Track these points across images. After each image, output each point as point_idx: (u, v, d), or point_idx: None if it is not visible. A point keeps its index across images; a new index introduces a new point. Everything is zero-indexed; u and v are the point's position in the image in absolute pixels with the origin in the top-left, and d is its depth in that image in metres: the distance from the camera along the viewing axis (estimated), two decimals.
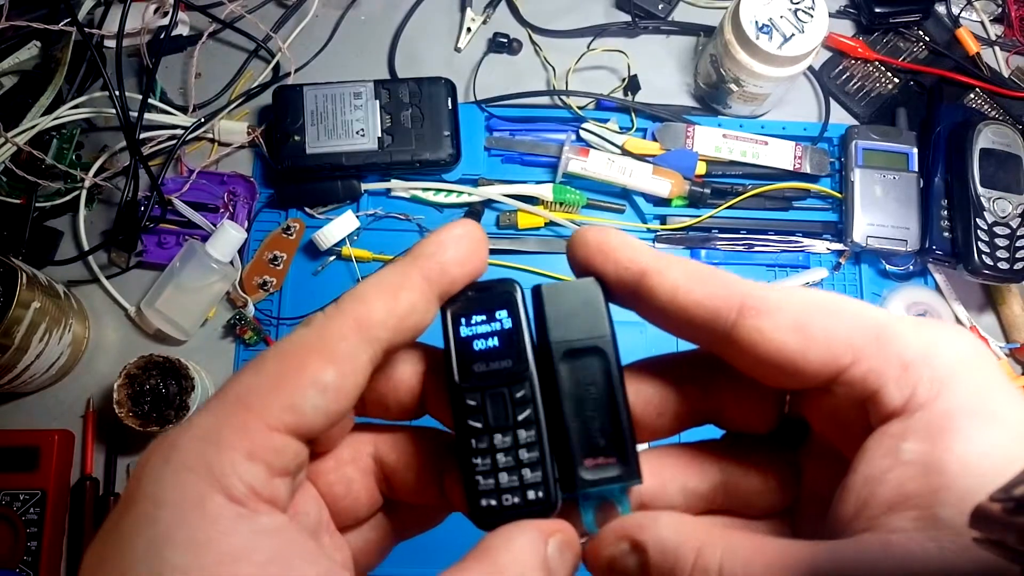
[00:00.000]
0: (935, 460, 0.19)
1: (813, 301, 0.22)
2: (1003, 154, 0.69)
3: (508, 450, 0.24)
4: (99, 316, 0.70)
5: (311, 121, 0.69)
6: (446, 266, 0.24)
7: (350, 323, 0.22)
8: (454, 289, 0.24)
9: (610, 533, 0.23)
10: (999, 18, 0.81)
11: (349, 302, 0.23)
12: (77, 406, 0.67)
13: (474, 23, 0.78)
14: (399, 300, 0.23)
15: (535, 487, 0.24)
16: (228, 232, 0.67)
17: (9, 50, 0.72)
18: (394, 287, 0.23)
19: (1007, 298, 0.72)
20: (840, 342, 0.21)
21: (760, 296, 0.22)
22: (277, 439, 0.21)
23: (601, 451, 0.25)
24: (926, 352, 0.21)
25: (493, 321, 0.25)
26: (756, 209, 0.73)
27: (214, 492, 0.20)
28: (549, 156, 0.72)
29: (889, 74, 0.78)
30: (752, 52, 0.67)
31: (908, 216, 0.70)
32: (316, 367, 0.21)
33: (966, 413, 0.20)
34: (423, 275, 0.23)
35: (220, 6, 0.75)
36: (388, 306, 0.22)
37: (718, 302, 0.23)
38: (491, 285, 0.25)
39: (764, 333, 0.22)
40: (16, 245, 0.68)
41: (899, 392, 0.20)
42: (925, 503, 0.19)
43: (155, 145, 0.71)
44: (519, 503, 0.24)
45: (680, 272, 0.24)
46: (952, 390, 0.20)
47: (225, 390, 0.22)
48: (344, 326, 0.22)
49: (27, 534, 0.62)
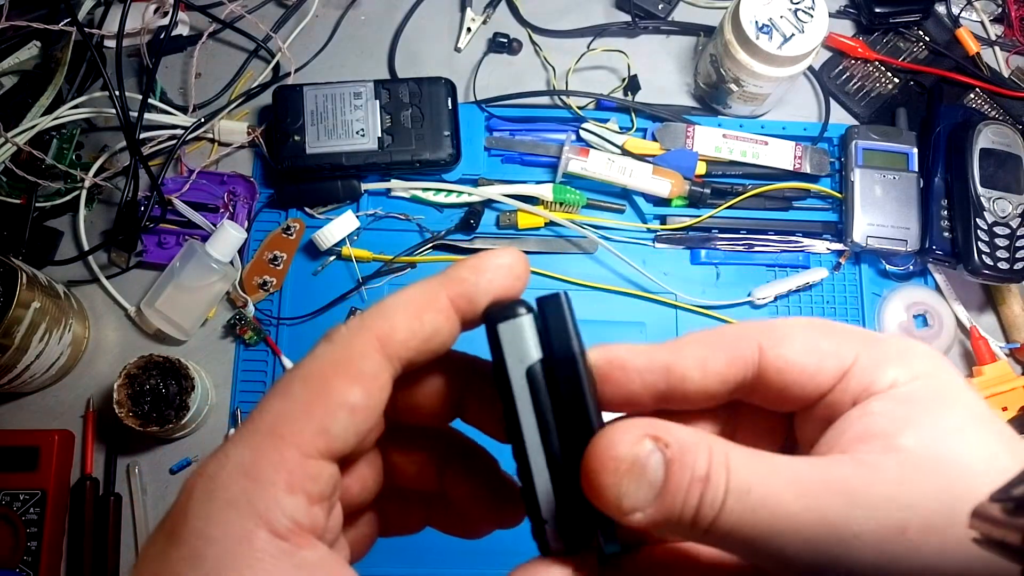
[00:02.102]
0: (900, 414, 0.22)
1: (810, 324, 0.24)
2: (1003, 154, 0.69)
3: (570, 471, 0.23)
4: (99, 316, 0.70)
5: (311, 121, 0.69)
6: (477, 296, 0.23)
7: (373, 341, 0.22)
8: (480, 311, 0.24)
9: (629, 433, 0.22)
10: (999, 18, 0.81)
11: (373, 319, 0.22)
12: (77, 406, 0.67)
13: (474, 23, 0.78)
14: (423, 322, 0.23)
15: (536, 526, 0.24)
16: (228, 232, 0.67)
17: (9, 50, 0.72)
18: (420, 308, 0.23)
19: (1007, 298, 0.72)
20: (844, 352, 0.24)
21: (769, 330, 0.24)
22: (313, 466, 0.21)
23: None
24: (903, 354, 0.24)
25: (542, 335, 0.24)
26: (756, 209, 0.73)
27: (259, 528, 0.20)
28: (549, 156, 0.72)
29: (889, 74, 0.78)
30: (752, 52, 0.67)
31: (908, 216, 0.70)
32: (343, 388, 0.22)
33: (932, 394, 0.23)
34: (451, 298, 0.23)
35: (220, 6, 0.75)
36: (412, 327, 0.22)
37: (743, 351, 0.24)
38: (540, 299, 0.24)
39: (787, 359, 0.24)
40: (16, 245, 0.68)
41: (885, 380, 0.23)
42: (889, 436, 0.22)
43: (155, 145, 0.71)
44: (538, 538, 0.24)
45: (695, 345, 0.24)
46: (923, 381, 0.23)
47: (256, 419, 0.22)
48: (367, 344, 0.22)
49: (27, 534, 0.62)
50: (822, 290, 0.72)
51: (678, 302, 0.71)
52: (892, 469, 0.21)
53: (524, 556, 0.24)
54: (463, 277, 0.23)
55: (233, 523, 0.20)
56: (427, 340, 0.23)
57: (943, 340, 0.70)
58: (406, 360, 0.23)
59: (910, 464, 0.21)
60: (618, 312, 0.71)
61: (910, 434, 0.22)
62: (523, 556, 0.24)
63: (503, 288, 0.24)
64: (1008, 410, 0.68)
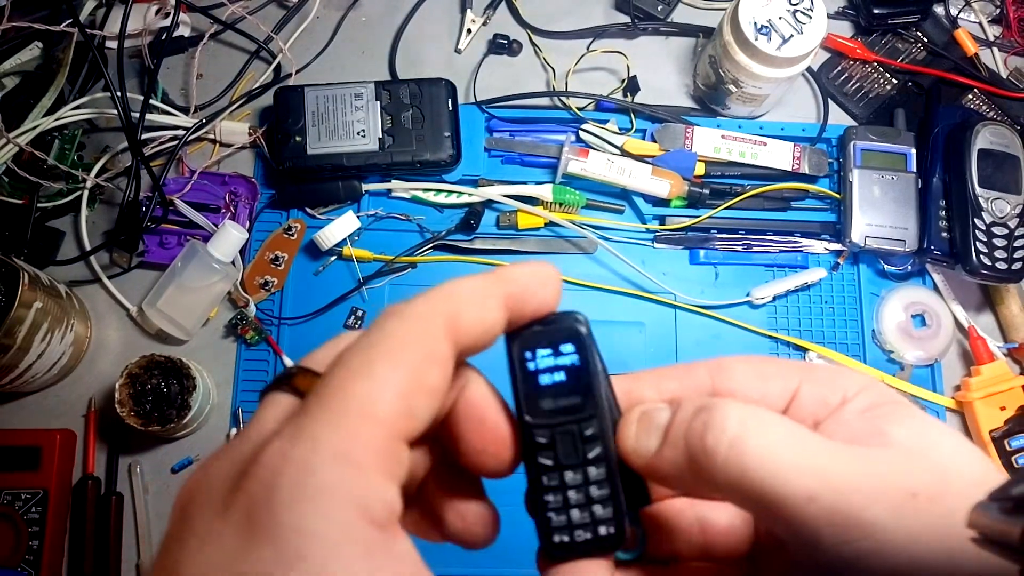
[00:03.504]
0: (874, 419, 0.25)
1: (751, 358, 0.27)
2: (1001, 154, 0.70)
3: (579, 487, 0.24)
4: (101, 316, 0.70)
5: (312, 122, 0.69)
6: (526, 295, 0.24)
7: (444, 324, 0.22)
8: (523, 318, 0.24)
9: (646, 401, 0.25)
10: (997, 19, 0.81)
11: (442, 301, 0.22)
12: (79, 406, 0.68)
13: (474, 24, 0.78)
14: (486, 310, 0.23)
15: (607, 523, 0.24)
16: (229, 232, 0.67)
17: (11, 51, 0.72)
18: (483, 296, 0.23)
19: (1005, 298, 0.72)
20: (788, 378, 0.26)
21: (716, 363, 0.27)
22: (402, 451, 0.21)
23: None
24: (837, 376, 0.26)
25: (560, 355, 0.25)
26: (755, 209, 0.73)
27: (361, 520, 0.19)
28: (549, 157, 0.73)
29: (887, 75, 0.78)
30: (751, 53, 0.67)
31: (906, 216, 0.70)
32: (424, 369, 0.21)
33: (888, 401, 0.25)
34: (505, 294, 0.23)
35: (221, 7, 0.76)
36: (477, 315, 0.23)
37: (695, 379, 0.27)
38: (557, 318, 0.25)
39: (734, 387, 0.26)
40: (18, 245, 0.68)
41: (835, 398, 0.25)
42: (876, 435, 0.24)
43: (157, 146, 0.71)
44: (591, 539, 0.24)
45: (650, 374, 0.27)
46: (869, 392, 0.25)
47: (340, 398, 0.20)
48: (440, 326, 0.22)
49: (29, 533, 0.63)
50: (820, 290, 0.72)
51: (677, 302, 0.71)
52: (891, 456, 0.23)
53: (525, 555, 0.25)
54: (514, 278, 0.24)
55: (334, 515, 0.19)
56: (486, 331, 0.23)
57: (941, 340, 0.70)
58: (465, 347, 0.23)
59: (904, 452, 0.23)
60: (617, 312, 0.71)
61: (893, 432, 0.24)
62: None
63: (548, 294, 0.24)
64: (1006, 409, 0.68)
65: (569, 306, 0.25)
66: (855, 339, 0.72)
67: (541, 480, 0.25)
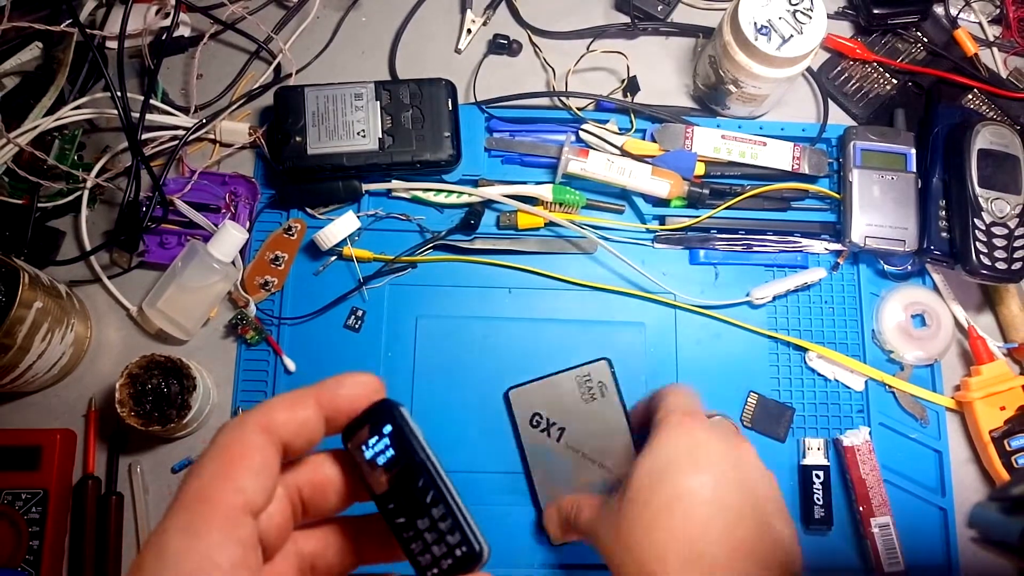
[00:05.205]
0: None
1: None
2: (1001, 155, 0.70)
3: (430, 528, 0.30)
4: (101, 316, 0.70)
5: (312, 122, 0.69)
6: (336, 399, 0.31)
7: (257, 425, 0.29)
8: (340, 413, 0.31)
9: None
10: (997, 19, 0.81)
11: (258, 410, 0.30)
12: (79, 405, 0.68)
13: (474, 25, 0.78)
14: (296, 412, 0.30)
15: (459, 545, 0.30)
16: (230, 232, 0.67)
17: (11, 51, 0.72)
18: (293, 403, 0.30)
19: (1005, 298, 0.72)
20: None
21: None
22: (239, 518, 0.27)
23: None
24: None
25: (384, 436, 0.31)
26: (755, 209, 0.73)
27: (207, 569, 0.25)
28: (549, 157, 0.73)
29: (887, 75, 0.78)
30: (751, 53, 0.67)
31: (906, 216, 0.71)
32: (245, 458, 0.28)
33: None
34: (316, 399, 0.30)
35: (221, 7, 0.76)
36: (286, 416, 0.30)
37: None
38: (374, 407, 0.31)
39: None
40: (18, 245, 0.68)
41: None
42: None
43: (157, 146, 0.71)
44: (453, 563, 0.30)
45: None
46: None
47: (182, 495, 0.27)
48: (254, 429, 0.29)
49: (29, 533, 0.63)
50: (820, 290, 0.73)
51: (677, 302, 0.71)
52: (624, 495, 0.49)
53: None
54: (326, 386, 0.31)
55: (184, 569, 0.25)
56: (299, 427, 0.30)
57: (941, 340, 0.71)
58: (285, 442, 0.30)
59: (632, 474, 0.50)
60: (617, 312, 0.71)
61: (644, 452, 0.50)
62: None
63: (358, 395, 0.31)
64: (1006, 409, 0.68)
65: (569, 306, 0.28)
66: (855, 339, 0.72)
67: (402, 535, 0.31)
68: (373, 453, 0.31)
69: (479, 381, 0.69)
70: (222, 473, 0.28)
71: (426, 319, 0.70)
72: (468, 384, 0.69)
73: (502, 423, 0.68)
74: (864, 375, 0.70)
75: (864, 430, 0.68)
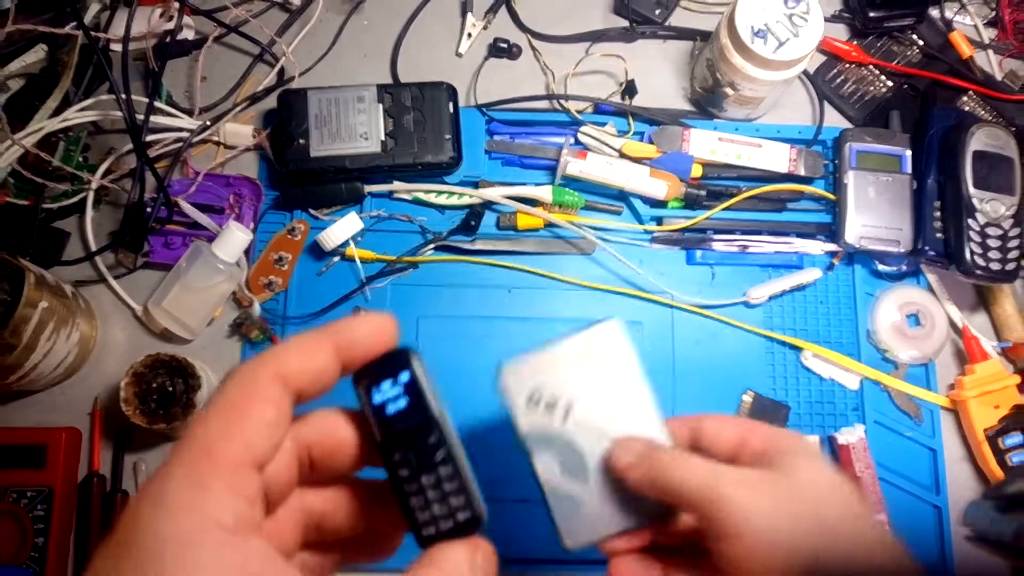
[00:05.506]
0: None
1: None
2: (995, 156, 0.70)
3: (435, 486, 0.29)
4: (106, 316, 0.71)
5: (315, 124, 0.70)
6: (355, 341, 0.29)
7: (272, 374, 0.27)
8: (356, 360, 0.29)
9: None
10: (992, 22, 0.82)
11: (271, 356, 0.28)
12: (84, 404, 0.68)
13: (475, 29, 0.79)
14: (311, 358, 0.28)
15: (462, 509, 0.29)
16: (234, 233, 0.68)
17: (16, 53, 0.73)
18: (308, 349, 0.28)
19: (999, 298, 0.73)
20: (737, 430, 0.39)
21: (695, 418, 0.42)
22: (244, 473, 0.26)
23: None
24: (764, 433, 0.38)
25: (398, 385, 0.30)
26: (751, 211, 0.74)
27: (209, 525, 0.24)
28: (548, 159, 0.73)
29: (883, 77, 0.79)
30: (747, 56, 0.68)
31: (901, 217, 0.71)
32: (256, 409, 0.26)
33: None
34: (334, 345, 0.29)
35: (225, 11, 0.76)
36: (302, 362, 0.28)
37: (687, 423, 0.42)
38: (391, 354, 0.30)
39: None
40: (24, 245, 0.69)
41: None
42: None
43: (161, 148, 0.72)
44: (452, 525, 0.29)
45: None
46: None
47: (187, 442, 0.26)
48: (269, 376, 0.27)
49: (34, 531, 0.63)
50: (815, 290, 0.73)
51: (674, 302, 0.72)
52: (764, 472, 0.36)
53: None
54: (341, 329, 0.29)
55: (185, 522, 0.24)
56: (316, 374, 0.28)
57: (935, 339, 0.71)
58: (298, 390, 0.28)
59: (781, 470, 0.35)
60: (616, 312, 0.72)
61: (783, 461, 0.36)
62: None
63: (375, 340, 0.29)
64: (1000, 408, 0.69)
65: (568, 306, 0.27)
66: (850, 339, 0.73)
67: (403, 488, 0.29)
68: (384, 399, 0.30)
69: (479, 380, 0.69)
70: (231, 426, 0.26)
71: (427, 319, 0.71)
72: (468, 382, 0.69)
73: (503, 421, 0.68)
74: (859, 374, 0.71)
75: (859, 428, 0.68)
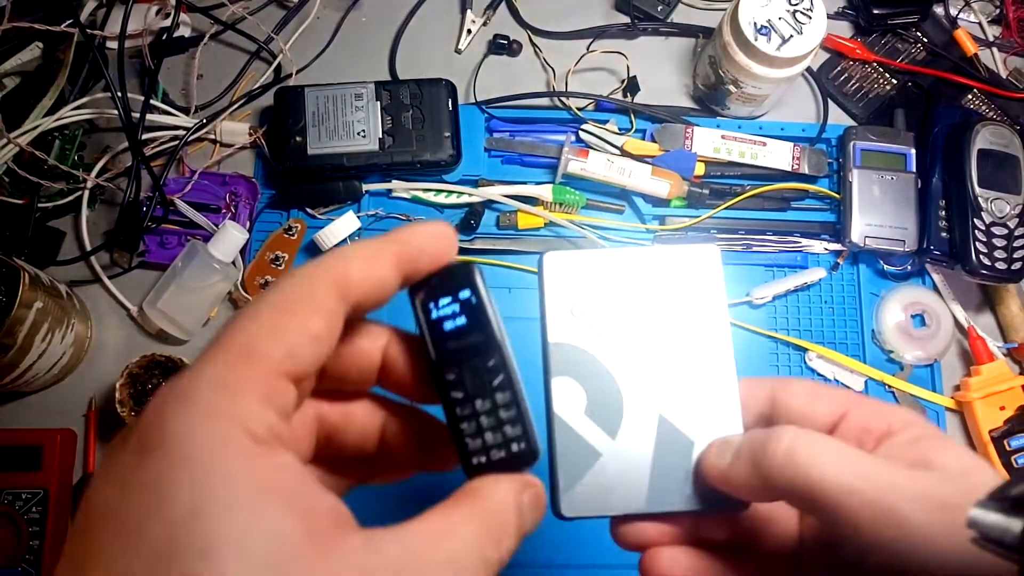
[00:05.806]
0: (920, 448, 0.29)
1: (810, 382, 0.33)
2: (1001, 155, 0.70)
3: (489, 412, 0.27)
4: (101, 316, 0.70)
5: (312, 122, 0.69)
6: (418, 252, 0.27)
7: (332, 281, 0.25)
8: (418, 272, 0.27)
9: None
10: (997, 19, 0.81)
11: (333, 262, 0.25)
12: (79, 405, 0.68)
13: (474, 25, 0.78)
14: (374, 268, 0.26)
15: (517, 440, 0.27)
16: (230, 232, 0.67)
17: (11, 51, 0.72)
18: (371, 257, 0.26)
19: (1005, 298, 0.72)
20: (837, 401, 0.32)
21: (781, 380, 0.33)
22: (281, 384, 0.23)
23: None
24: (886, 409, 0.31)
25: (457, 301, 0.28)
26: (754, 210, 0.73)
27: (239, 432, 0.22)
28: (549, 157, 0.73)
29: (887, 75, 0.78)
30: (750, 53, 0.67)
31: (906, 216, 0.71)
32: (308, 318, 0.24)
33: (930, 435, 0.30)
34: (397, 256, 0.26)
35: (222, 8, 0.76)
36: (364, 273, 0.25)
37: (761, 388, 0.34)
38: (453, 269, 0.28)
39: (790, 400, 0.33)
40: (19, 245, 0.68)
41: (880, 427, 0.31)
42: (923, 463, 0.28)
43: (157, 146, 0.71)
44: (505, 456, 0.27)
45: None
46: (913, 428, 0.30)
47: (226, 340, 0.23)
48: (327, 282, 0.25)
49: (30, 533, 0.63)
50: (820, 290, 0.73)
51: None
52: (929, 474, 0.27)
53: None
54: (404, 238, 0.27)
55: (214, 428, 0.21)
56: (376, 286, 0.26)
57: (941, 340, 0.71)
58: (356, 302, 0.25)
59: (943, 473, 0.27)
60: None
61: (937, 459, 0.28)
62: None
63: (438, 249, 0.27)
64: (1006, 409, 0.68)
65: None
66: (855, 339, 0.72)
67: (455, 411, 0.27)
68: (442, 315, 0.28)
69: None
70: (278, 331, 0.23)
71: None
72: None
73: None
74: (864, 375, 0.70)
75: None
